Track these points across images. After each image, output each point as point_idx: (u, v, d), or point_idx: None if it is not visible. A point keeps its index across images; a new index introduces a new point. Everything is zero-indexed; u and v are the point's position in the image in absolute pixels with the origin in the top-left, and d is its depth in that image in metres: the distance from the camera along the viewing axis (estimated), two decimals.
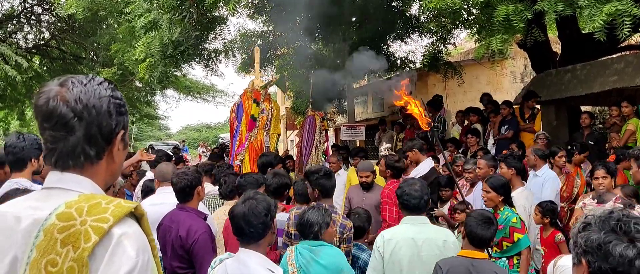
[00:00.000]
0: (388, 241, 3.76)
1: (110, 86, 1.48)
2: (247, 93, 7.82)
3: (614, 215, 1.67)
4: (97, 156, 1.43)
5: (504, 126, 9.13)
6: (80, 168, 1.42)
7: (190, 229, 3.64)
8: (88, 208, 1.32)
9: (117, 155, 1.50)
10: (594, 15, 5.46)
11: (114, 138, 1.47)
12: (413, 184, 3.90)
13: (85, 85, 1.42)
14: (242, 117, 7.70)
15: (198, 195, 3.93)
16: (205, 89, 24.09)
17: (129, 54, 10.12)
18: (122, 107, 1.49)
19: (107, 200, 1.36)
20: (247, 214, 2.89)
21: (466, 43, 17.63)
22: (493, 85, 14.81)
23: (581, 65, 8.66)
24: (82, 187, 1.41)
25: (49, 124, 1.39)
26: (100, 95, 1.43)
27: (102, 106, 1.42)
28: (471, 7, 8.11)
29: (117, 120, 1.46)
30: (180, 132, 52.25)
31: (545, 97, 9.24)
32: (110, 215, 1.31)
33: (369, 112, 19.52)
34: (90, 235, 1.28)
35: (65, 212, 1.31)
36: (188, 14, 8.36)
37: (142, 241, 1.35)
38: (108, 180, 1.52)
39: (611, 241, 1.60)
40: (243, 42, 14.00)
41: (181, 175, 3.92)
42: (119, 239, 1.30)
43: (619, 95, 8.19)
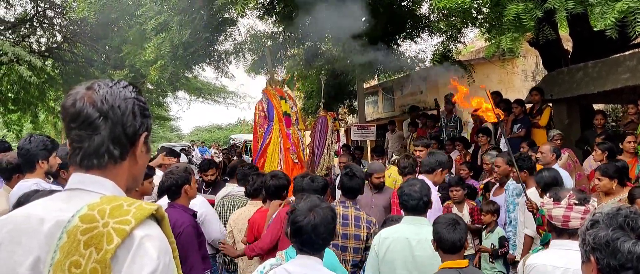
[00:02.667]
0: (383, 240, 3.81)
1: (135, 89, 1.53)
2: (271, 91, 7.73)
3: (621, 212, 1.70)
4: (121, 157, 1.47)
5: (516, 124, 9.09)
6: (104, 169, 1.45)
7: (176, 223, 3.68)
8: (110, 210, 1.34)
9: (140, 157, 1.52)
10: (605, 13, 5.42)
11: (138, 140, 1.50)
12: (413, 184, 3.91)
13: (111, 87, 1.47)
14: (274, 115, 7.55)
15: (185, 193, 3.96)
16: (216, 90, 24.18)
17: (139, 56, 10.18)
18: (146, 109, 1.53)
19: (129, 202, 1.39)
20: (319, 224, 2.80)
21: (477, 41, 17.55)
22: (504, 83, 14.74)
23: (593, 62, 8.59)
24: (104, 189, 1.44)
25: (76, 124, 1.43)
26: (126, 96, 1.47)
27: (127, 107, 1.46)
28: (481, 6, 8.06)
29: (141, 122, 1.50)
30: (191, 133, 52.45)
31: (557, 95, 9.18)
32: (132, 217, 1.34)
33: (380, 111, 19.52)
34: (112, 237, 1.30)
35: (87, 214, 1.33)
36: (198, 16, 8.40)
37: (163, 243, 1.38)
38: (130, 183, 1.54)
39: (619, 238, 1.63)
40: (253, 44, 14.03)
41: (168, 174, 3.99)
42: (141, 241, 1.32)
43: (631, 93, 8.12)
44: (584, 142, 8.44)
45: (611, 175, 5.10)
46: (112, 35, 15.99)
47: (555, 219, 2.88)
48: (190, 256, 3.69)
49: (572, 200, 2.85)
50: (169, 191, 3.97)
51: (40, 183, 3.65)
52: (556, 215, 2.88)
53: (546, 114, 9.01)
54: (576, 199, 2.85)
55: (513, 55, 10.14)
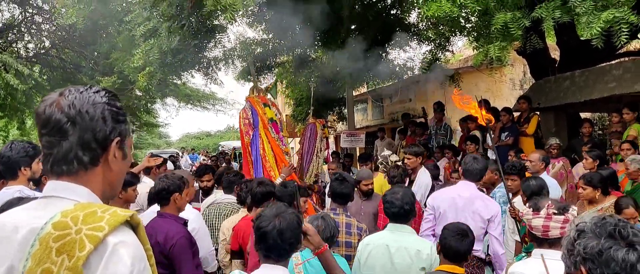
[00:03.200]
0: (365, 247, 3.85)
1: (108, 94, 1.51)
2: (255, 99, 7.72)
3: (609, 221, 1.69)
4: (91, 162, 1.45)
5: (504, 132, 9.14)
6: (75, 175, 1.44)
7: (168, 234, 3.62)
8: (83, 217, 1.32)
9: (113, 163, 1.50)
10: (591, 23, 5.47)
11: (109, 145, 1.48)
12: (396, 193, 3.92)
13: (81, 92, 1.46)
14: (258, 122, 7.55)
15: (175, 202, 3.87)
16: (205, 97, 24.15)
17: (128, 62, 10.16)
18: (119, 115, 1.51)
19: (103, 208, 1.37)
20: (284, 230, 2.75)
21: (465, 50, 17.67)
22: (492, 91, 14.82)
23: (580, 71, 8.67)
24: (78, 196, 1.42)
25: (46, 130, 1.43)
26: (95, 101, 1.46)
27: (96, 112, 1.44)
28: (469, 15, 8.13)
29: (112, 127, 1.48)
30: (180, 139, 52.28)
31: (544, 103, 9.25)
32: (106, 224, 1.32)
33: (369, 119, 19.56)
34: (85, 244, 1.28)
35: (60, 221, 1.31)
36: (187, 23, 8.38)
37: (138, 250, 1.36)
38: (106, 190, 1.52)
39: (611, 247, 1.62)
40: (243, 50, 14.03)
41: (162, 178, 3.92)
42: (115, 248, 1.31)
43: (617, 102, 8.21)
44: (571, 151, 8.51)
45: (595, 184, 5.15)
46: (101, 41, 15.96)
47: (535, 229, 2.90)
48: (185, 266, 3.64)
49: (551, 209, 2.87)
50: (158, 195, 3.90)
51: (23, 190, 3.61)
52: (536, 224, 2.89)
53: (533, 122, 9.07)
54: (555, 208, 2.87)
55: (501, 63, 10.23)
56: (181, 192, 3.93)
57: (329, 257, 3.10)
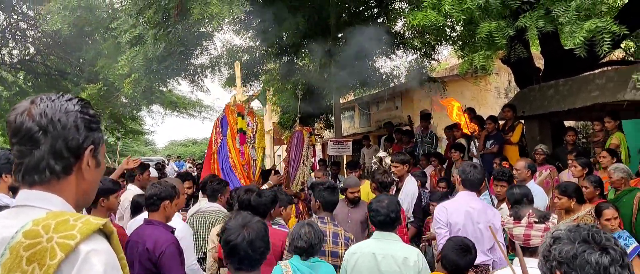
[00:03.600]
0: (351, 255, 3.85)
1: (81, 102, 1.49)
2: (231, 107, 7.76)
3: (583, 227, 1.77)
4: (64, 171, 1.43)
5: (489, 141, 9.20)
6: (47, 184, 1.42)
7: (157, 241, 3.61)
8: (55, 225, 1.31)
9: (87, 172, 1.48)
10: (575, 32, 5.54)
11: (83, 153, 1.46)
12: (381, 200, 3.94)
13: (53, 100, 1.44)
14: (227, 130, 7.59)
15: (164, 209, 3.87)
16: (191, 104, 24.07)
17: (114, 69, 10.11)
18: (92, 122, 1.49)
19: (76, 216, 1.35)
20: (254, 239, 2.72)
21: (451, 59, 17.79)
22: (478, 100, 14.93)
23: (564, 80, 8.76)
24: (51, 204, 1.41)
25: (17, 139, 1.41)
26: (67, 109, 1.44)
27: (68, 120, 1.43)
28: (454, 24, 8.20)
29: (85, 135, 1.46)
30: (166, 147, 51.97)
31: (528, 112, 9.33)
32: (78, 232, 1.30)
33: (356, 126, 19.59)
34: (56, 252, 1.27)
35: (32, 229, 1.30)
36: (173, 30, 8.37)
37: (111, 258, 1.35)
38: (80, 200, 1.50)
39: (585, 250, 1.69)
40: (229, 58, 14.03)
41: (155, 184, 3.92)
42: (87, 256, 1.29)
43: (601, 110, 8.30)
44: (555, 159, 8.59)
45: (569, 194, 5.23)
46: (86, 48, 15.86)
47: (516, 238, 2.92)
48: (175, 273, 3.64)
49: (532, 218, 2.89)
50: (149, 200, 3.89)
51: (2, 198, 3.56)
52: (517, 233, 2.91)
53: (518, 131, 9.15)
54: (536, 217, 2.89)
55: (486, 72, 10.31)
56: (172, 200, 3.92)
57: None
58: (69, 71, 18.75)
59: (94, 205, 4.36)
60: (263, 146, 8.15)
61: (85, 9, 10.69)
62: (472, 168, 4.77)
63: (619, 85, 7.50)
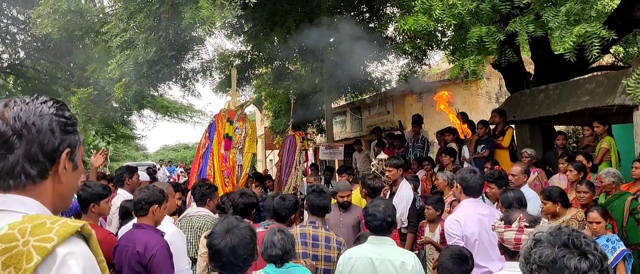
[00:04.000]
0: (348, 260, 3.81)
1: (56, 105, 1.46)
2: (222, 113, 7.74)
3: (564, 231, 1.77)
4: (39, 176, 1.41)
5: (480, 145, 9.23)
6: (23, 189, 1.39)
7: (148, 245, 3.60)
8: (31, 228, 1.29)
9: (63, 176, 1.45)
10: (564, 37, 5.58)
11: (59, 157, 1.43)
12: (377, 205, 3.91)
13: (27, 103, 1.41)
14: (214, 136, 7.56)
15: (153, 213, 3.86)
16: (182, 109, 23.99)
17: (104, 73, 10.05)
18: (68, 125, 1.46)
19: (53, 219, 1.33)
20: (237, 246, 2.72)
21: (442, 63, 17.86)
22: (469, 104, 14.98)
23: (554, 85, 8.82)
24: (27, 208, 1.38)
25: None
26: (42, 112, 1.41)
27: (43, 124, 1.40)
28: (445, 29, 8.24)
29: (61, 138, 1.43)
30: (157, 152, 51.77)
31: (519, 116, 9.38)
32: (55, 235, 1.28)
33: (348, 131, 19.60)
34: (32, 255, 1.24)
35: (7, 233, 1.27)
36: (164, 34, 8.34)
37: (89, 261, 1.33)
38: (57, 203, 1.48)
39: (565, 255, 1.70)
40: (221, 62, 14.02)
41: (143, 189, 3.90)
42: (64, 259, 1.27)
43: (591, 115, 8.36)
44: (546, 163, 8.63)
45: (554, 199, 5.23)
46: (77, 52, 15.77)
47: (507, 242, 2.92)
48: None
49: (523, 222, 2.89)
50: (137, 205, 3.87)
51: None
52: (508, 237, 2.91)
53: (508, 135, 9.18)
54: (526, 221, 2.89)
55: (476, 77, 10.35)
56: (160, 205, 3.90)
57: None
58: (59, 75, 18.65)
59: (85, 210, 4.33)
60: (253, 152, 8.09)
61: (76, 13, 10.61)
62: (472, 173, 4.62)
63: (609, 89, 7.55)
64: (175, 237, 4.31)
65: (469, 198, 4.57)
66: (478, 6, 6.01)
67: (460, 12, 5.91)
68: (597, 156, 7.58)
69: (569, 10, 5.67)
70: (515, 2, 5.99)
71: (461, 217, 4.45)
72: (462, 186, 4.58)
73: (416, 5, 6.20)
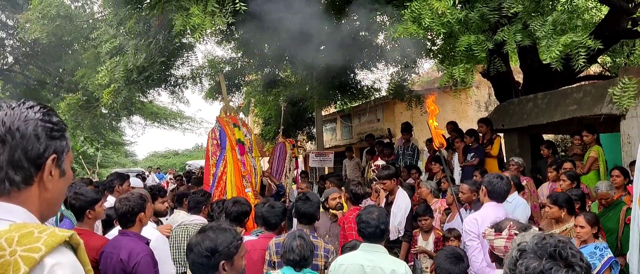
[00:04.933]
0: (339, 266, 3.80)
1: (43, 110, 1.43)
2: (224, 119, 7.62)
3: (549, 241, 1.73)
4: (24, 182, 1.38)
5: (470, 153, 9.26)
6: (7, 196, 1.37)
7: (132, 252, 3.57)
8: (19, 238, 1.27)
9: (49, 182, 1.43)
10: (551, 46, 5.63)
11: (44, 163, 1.41)
12: (371, 212, 3.91)
13: (13, 108, 1.39)
14: (227, 143, 7.44)
15: (140, 221, 3.83)
16: (172, 115, 23.92)
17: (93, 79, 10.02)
18: (54, 130, 1.43)
19: (40, 229, 1.31)
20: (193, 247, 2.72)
21: (432, 72, 17.96)
22: (458, 113, 15.07)
23: (542, 94, 8.89)
24: (14, 216, 1.36)
25: None
26: (27, 118, 1.39)
27: (27, 129, 1.37)
28: (435, 38, 8.29)
29: (46, 144, 1.40)
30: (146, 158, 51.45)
31: (508, 125, 9.44)
32: (43, 244, 1.26)
33: (338, 139, 19.62)
34: (19, 266, 1.23)
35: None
36: (154, 41, 8.33)
37: (76, 271, 1.31)
38: (44, 210, 1.45)
39: (552, 268, 1.66)
40: (211, 69, 14.00)
41: (123, 200, 3.84)
42: (52, 269, 1.25)
43: (579, 124, 8.43)
44: (537, 171, 8.68)
45: (560, 204, 5.22)
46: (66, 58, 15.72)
47: (497, 249, 2.92)
48: None
49: (513, 230, 2.89)
50: (124, 218, 3.83)
51: None
52: (498, 245, 2.92)
53: (497, 144, 9.22)
54: (517, 229, 2.90)
55: (466, 85, 10.41)
56: (145, 210, 3.88)
57: None
58: (48, 81, 18.56)
59: (81, 218, 4.27)
60: (258, 156, 8.00)
61: (65, 18, 10.60)
62: (499, 179, 4.73)
63: (596, 99, 7.63)
64: (159, 243, 4.28)
65: (491, 202, 4.69)
66: (467, 15, 6.06)
67: (449, 21, 5.95)
68: (585, 165, 7.63)
69: (555, 19, 5.73)
70: (504, 12, 6.04)
71: (480, 217, 4.58)
72: (488, 189, 4.71)
73: (406, 13, 6.24)
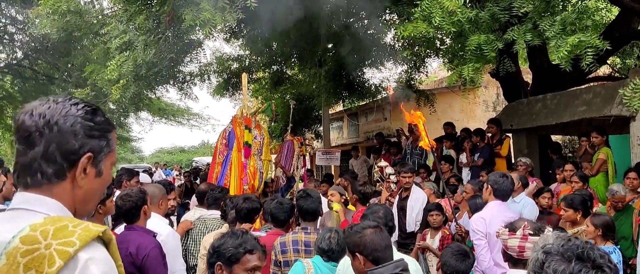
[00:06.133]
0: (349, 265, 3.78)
1: (87, 108, 1.44)
2: (238, 119, 7.64)
3: (574, 243, 1.70)
4: (56, 176, 1.39)
5: (477, 153, 9.25)
6: (39, 187, 1.38)
7: (141, 246, 3.59)
8: (54, 231, 1.28)
9: (82, 180, 1.43)
10: (560, 46, 5.60)
11: (78, 160, 1.41)
12: (377, 211, 3.93)
13: (57, 103, 1.41)
14: (234, 144, 7.42)
15: (144, 214, 3.84)
16: (179, 112, 23.97)
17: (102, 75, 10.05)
18: (95, 130, 1.44)
19: (75, 223, 1.32)
20: None
21: (440, 71, 17.92)
22: (466, 113, 15.02)
23: (551, 95, 8.84)
24: (48, 209, 1.37)
25: (17, 137, 1.40)
26: (68, 113, 1.40)
27: (66, 124, 1.39)
28: (444, 37, 8.26)
29: (83, 142, 1.41)
30: (153, 154, 51.58)
31: (516, 125, 9.40)
32: (77, 239, 1.27)
33: (345, 137, 19.61)
34: (54, 259, 1.24)
35: (29, 235, 1.26)
36: (164, 37, 8.35)
37: (109, 267, 1.32)
38: (79, 207, 1.45)
39: (581, 270, 1.62)
40: (219, 66, 14.03)
41: (125, 197, 3.84)
42: (86, 264, 1.26)
43: (588, 125, 8.38)
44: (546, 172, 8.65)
45: (576, 207, 5.22)
46: (75, 53, 15.78)
47: (510, 249, 2.92)
48: None
49: (527, 230, 2.89)
50: (128, 214, 3.85)
51: None
52: (511, 245, 2.91)
53: (506, 144, 9.21)
54: (531, 229, 2.89)
55: (474, 84, 10.37)
56: (146, 203, 3.89)
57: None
58: (56, 76, 18.63)
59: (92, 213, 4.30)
60: (269, 159, 7.97)
61: (75, 13, 10.63)
62: (504, 178, 4.78)
63: (606, 100, 7.58)
64: (170, 238, 4.30)
65: (497, 201, 4.71)
66: (477, 14, 6.04)
67: (459, 20, 5.93)
68: (594, 167, 7.59)
69: (565, 19, 5.70)
70: (514, 11, 6.01)
71: (487, 216, 4.59)
72: (494, 188, 4.72)
73: (416, 12, 6.23)
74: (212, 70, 14.10)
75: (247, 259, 2.70)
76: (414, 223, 6.25)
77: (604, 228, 4.73)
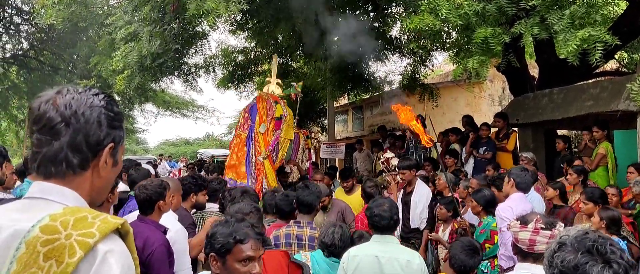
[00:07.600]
0: (353, 258, 3.77)
1: (107, 98, 1.46)
2: (264, 96, 7.64)
3: (589, 236, 1.69)
4: (80, 166, 1.40)
5: (483, 147, 9.21)
6: (62, 178, 1.39)
7: (147, 241, 3.55)
8: (74, 222, 1.28)
9: (103, 170, 1.45)
10: (568, 40, 5.55)
11: (102, 150, 1.43)
12: (381, 204, 3.90)
13: (80, 93, 1.42)
14: (256, 118, 7.45)
15: (159, 209, 3.81)
16: (184, 104, 24.01)
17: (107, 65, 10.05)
18: (115, 120, 1.46)
19: (94, 214, 1.33)
20: None
21: (446, 65, 17.86)
22: (471, 107, 14.97)
23: (558, 89, 8.79)
24: (66, 199, 1.37)
25: (37, 127, 1.38)
26: (92, 104, 1.41)
27: (92, 115, 1.40)
28: (451, 30, 8.21)
29: (107, 132, 1.43)
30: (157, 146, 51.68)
31: (522, 119, 9.36)
32: (97, 230, 1.28)
33: (349, 130, 19.59)
34: (75, 250, 1.24)
35: (49, 225, 1.27)
36: (169, 28, 8.34)
37: (127, 259, 1.33)
38: (94, 196, 1.47)
39: (588, 262, 1.63)
40: (224, 58, 14.02)
41: (141, 188, 3.82)
42: (105, 256, 1.27)
43: (595, 120, 8.34)
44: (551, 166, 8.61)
45: (596, 200, 5.22)
46: (81, 44, 15.80)
47: (521, 242, 2.90)
48: None
49: (539, 224, 2.87)
50: (142, 206, 3.82)
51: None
52: (522, 238, 2.89)
53: (513, 139, 9.18)
54: (542, 223, 2.87)
55: (480, 78, 10.32)
56: (164, 198, 3.85)
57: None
58: (61, 67, 18.67)
59: None
60: (290, 138, 7.81)
61: (80, 4, 10.63)
62: (525, 171, 4.98)
63: (613, 95, 7.53)
64: (179, 235, 4.24)
65: (519, 193, 4.87)
66: (484, 7, 5.99)
67: (466, 13, 5.89)
68: (593, 161, 7.57)
69: (573, 13, 5.64)
70: (521, 4, 5.96)
71: (514, 205, 4.71)
72: (516, 181, 4.90)
73: (422, 4, 6.19)
74: (218, 62, 14.09)
75: (239, 249, 2.49)
76: (419, 219, 6.23)
77: (609, 221, 4.75)
